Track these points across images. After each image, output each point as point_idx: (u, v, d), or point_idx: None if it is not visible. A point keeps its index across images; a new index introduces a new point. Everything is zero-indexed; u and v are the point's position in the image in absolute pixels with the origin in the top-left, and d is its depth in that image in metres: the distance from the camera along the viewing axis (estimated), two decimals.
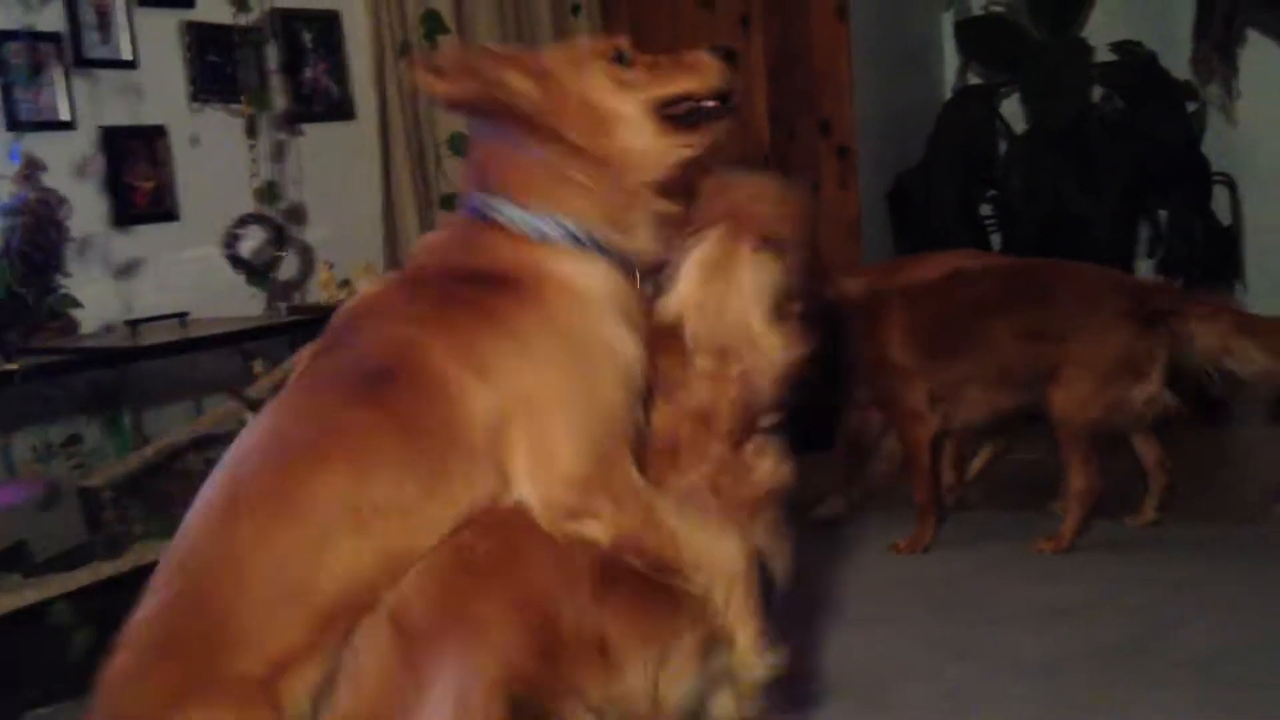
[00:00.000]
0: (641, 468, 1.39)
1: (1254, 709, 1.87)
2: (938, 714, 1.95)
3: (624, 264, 1.42)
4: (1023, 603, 2.39)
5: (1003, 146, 4.61)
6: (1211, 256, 4.28)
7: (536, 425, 1.33)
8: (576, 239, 1.38)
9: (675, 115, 1.44)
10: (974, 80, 4.86)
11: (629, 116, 1.42)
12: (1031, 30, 4.50)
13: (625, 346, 1.38)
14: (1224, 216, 4.36)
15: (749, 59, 4.20)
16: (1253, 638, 2.12)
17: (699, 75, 1.46)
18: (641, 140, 1.42)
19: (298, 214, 3.34)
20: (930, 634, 2.28)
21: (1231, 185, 4.35)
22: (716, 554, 1.40)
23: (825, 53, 4.39)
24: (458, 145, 3.12)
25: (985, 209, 4.63)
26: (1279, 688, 1.93)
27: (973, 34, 4.72)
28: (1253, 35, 4.29)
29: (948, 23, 4.91)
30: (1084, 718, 1.89)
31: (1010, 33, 4.56)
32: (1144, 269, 4.50)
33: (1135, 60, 4.37)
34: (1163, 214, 4.39)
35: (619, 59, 1.44)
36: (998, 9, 4.68)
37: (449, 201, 3.18)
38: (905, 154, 4.64)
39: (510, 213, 1.39)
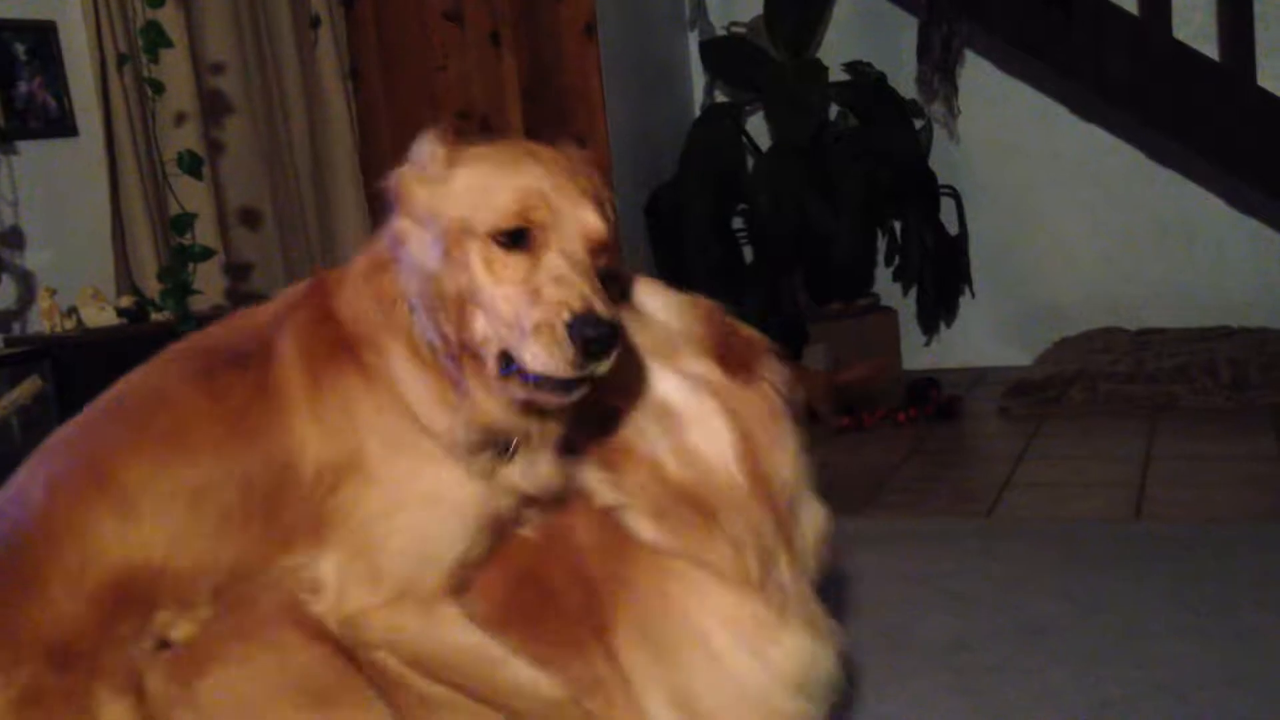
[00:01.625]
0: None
1: (988, 691, 1.97)
2: None
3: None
4: None
5: (750, 162, 4.77)
6: (942, 264, 4.55)
7: (369, 506, 1.28)
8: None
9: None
10: (721, 98, 5.01)
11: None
12: (771, 50, 4.68)
13: (471, 489, 1.31)
14: (952, 227, 4.64)
15: (499, 76, 4.19)
16: (987, 626, 2.24)
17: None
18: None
19: (14, 237, 3.11)
20: None
21: (957, 198, 4.64)
22: (538, 688, 1.36)
23: (576, 70, 4.43)
24: (186, 163, 2.97)
25: (737, 222, 4.78)
26: (1009, 670, 2.05)
27: (717, 54, 4.87)
28: (971, 56, 4.59)
29: (694, 42, 5.05)
30: (835, 717, 1.95)
31: (751, 53, 4.73)
32: (882, 278, 4.75)
33: (866, 80, 4.61)
34: (898, 226, 4.64)
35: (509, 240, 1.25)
36: (739, 30, 4.85)
37: (180, 222, 3.02)
38: (659, 170, 4.73)
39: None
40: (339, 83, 4.04)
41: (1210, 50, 3.96)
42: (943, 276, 4.56)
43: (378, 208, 4.15)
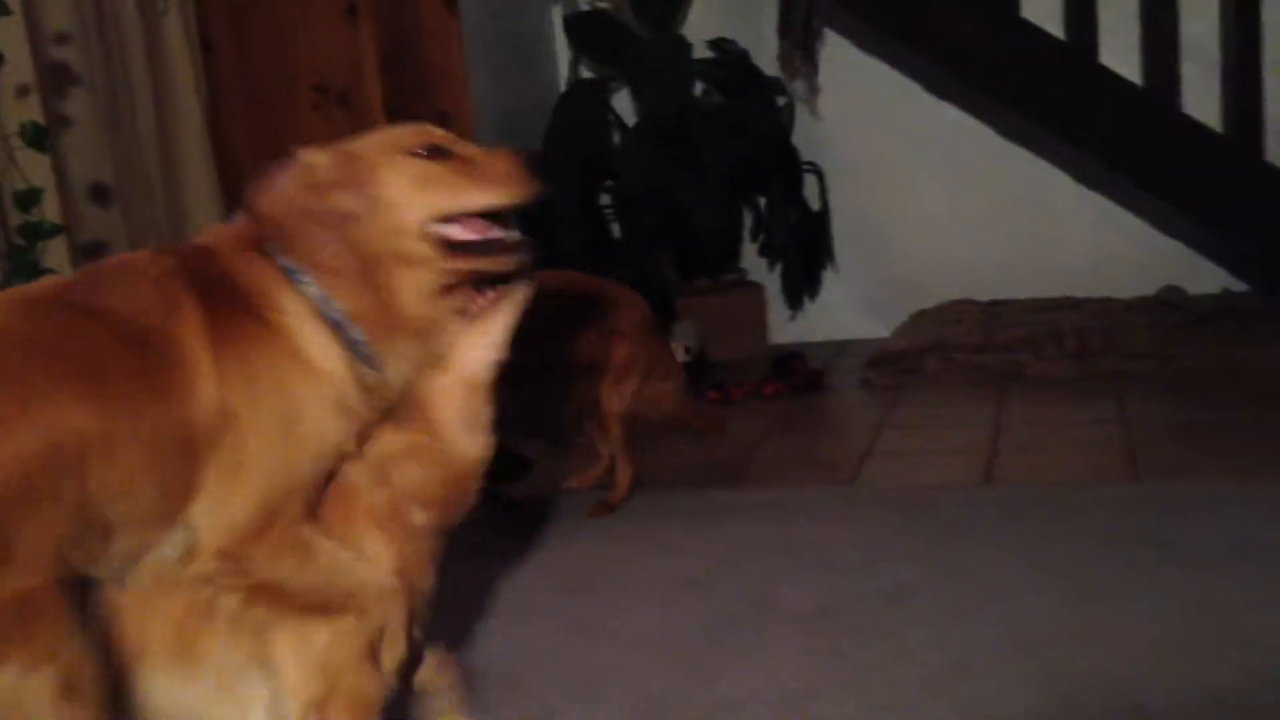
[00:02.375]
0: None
1: (851, 654, 2.04)
2: (568, 695, 1.99)
3: (368, 372, 1.42)
4: (653, 579, 2.48)
5: (617, 139, 4.77)
6: (806, 240, 4.64)
7: (234, 459, 1.32)
8: (338, 324, 1.40)
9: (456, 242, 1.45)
10: (586, 74, 5.00)
11: (411, 229, 1.42)
12: (635, 26, 4.68)
13: (333, 433, 1.41)
14: (815, 203, 4.73)
15: (357, 48, 4.10)
16: (849, 591, 2.31)
17: (496, 187, 1.46)
18: (415, 263, 1.42)
19: None
20: (564, 618, 2.32)
21: (819, 174, 4.73)
22: (368, 587, 1.46)
23: (437, 44, 4.36)
24: (31, 136, 2.84)
25: (605, 199, 4.78)
26: (871, 632, 2.11)
27: (580, 29, 4.86)
28: (830, 34, 4.68)
29: (558, 16, 5.02)
30: (706, 684, 1.98)
31: (615, 29, 4.73)
32: (749, 253, 4.82)
33: (730, 57, 4.66)
34: (763, 202, 4.70)
35: (433, 153, 1.44)
36: (603, 4, 4.84)
37: (25, 199, 2.88)
38: (525, 147, 4.68)
39: (291, 268, 1.39)
40: (188, 54, 3.90)
41: (1056, 29, 4.12)
42: (806, 251, 4.65)
43: (231, 185, 4.02)
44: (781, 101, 4.71)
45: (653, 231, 4.53)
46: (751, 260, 4.88)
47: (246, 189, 1.47)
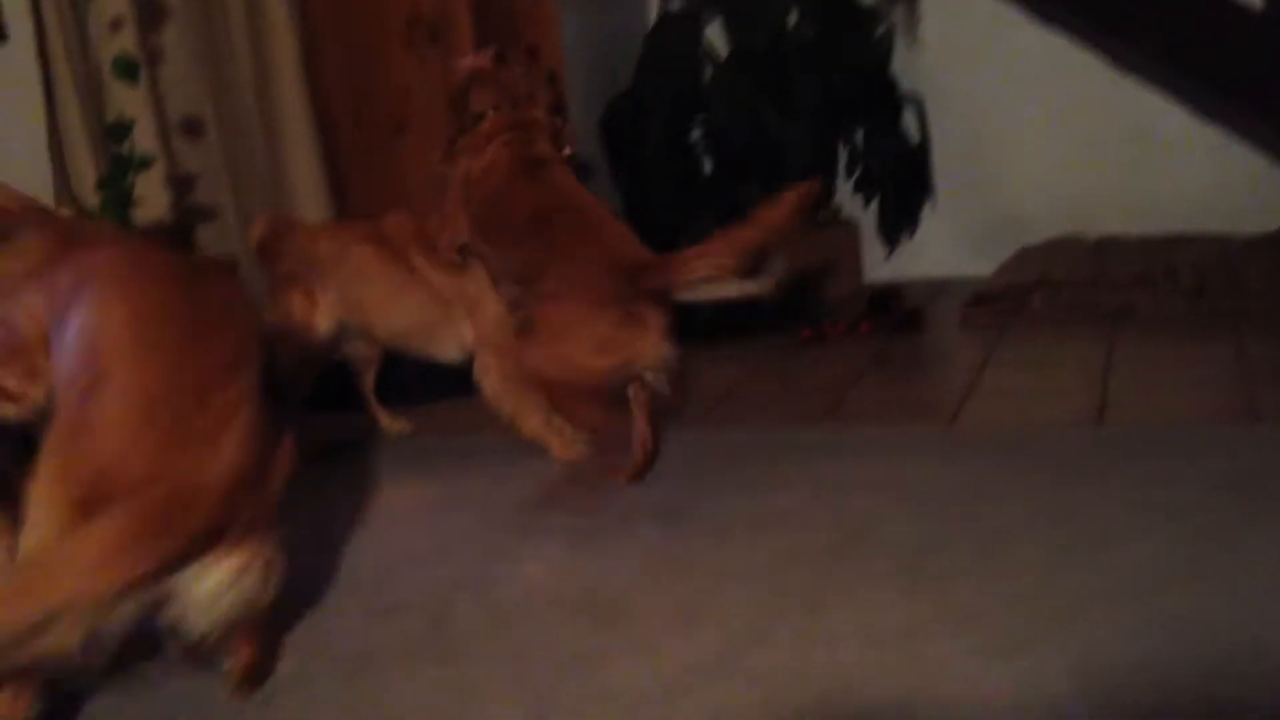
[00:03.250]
0: None
1: (953, 594, 1.96)
2: (663, 626, 1.95)
3: None
4: (744, 513, 2.44)
5: (708, 73, 4.66)
6: (904, 174, 4.50)
7: None
8: None
9: None
10: (677, 6, 4.89)
11: None
12: None
13: None
14: (914, 136, 4.58)
15: None
16: (949, 532, 2.23)
17: None
18: None
19: None
20: (653, 551, 2.29)
21: (919, 106, 4.57)
22: None
23: None
24: (122, 67, 2.85)
25: (696, 135, 4.69)
26: (972, 575, 2.03)
27: None
28: None
29: None
30: (803, 617, 1.93)
31: None
32: (844, 189, 4.69)
33: None
34: (859, 136, 4.57)
35: None
36: None
37: (117, 131, 2.90)
38: (615, 81, 4.62)
39: None
40: None
41: None
42: (904, 187, 4.52)
43: (325, 120, 3.99)
44: (879, 31, 4.55)
45: (744, 167, 4.43)
46: (846, 197, 4.75)
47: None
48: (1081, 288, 3.94)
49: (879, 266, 4.82)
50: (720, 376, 3.65)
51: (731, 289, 2.65)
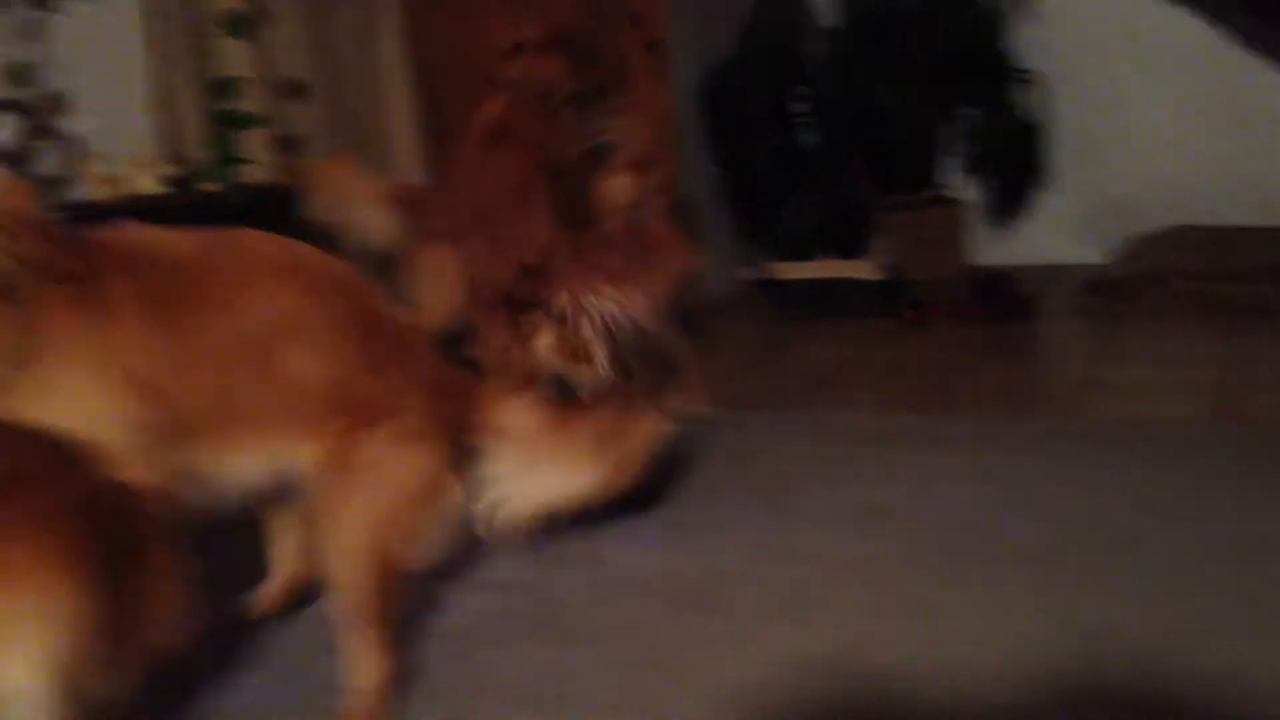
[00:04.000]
0: None
1: (1082, 603, 1.86)
2: (773, 619, 1.88)
3: None
4: (847, 503, 2.35)
5: (815, 41, 4.53)
6: (1017, 154, 4.34)
7: None
8: None
9: None
10: None
11: None
12: None
13: None
14: (1028, 114, 4.40)
15: None
16: (1075, 533, 2.13)
17: None
18: None
19: (59, 101, 2.99)
20: (758, 538, 2.21)
21: (1035, 82, 4.39)
22: None
23: None
24: (231, 23, 2.82)
25: (798, 105, 4.56)
26: (1100, 581, 1.93)
27: None
28: None
29: None
30: (919, 617, 1.85)
31: None
32: (949, 167, 4.54)
33: None
34: (969, 111, 4.41)
35: None
36: None
37: (225, 86, 2.88)
38: (718, 49, 4.50)
39: None
40: None
41: None
42: (1017, 166, 4.35)
43: (425, 82, 3.94)
44: (994, 1, 4.38)
45: (849, 141, 4.31)
46: (953, 176, 4.59)
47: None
48: (1203, 279, 3.76)
49: (985, 249, 4.66)
50: (821, 357, 3.55)
51: None
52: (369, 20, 3.84)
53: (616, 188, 2.33)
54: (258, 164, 3.21)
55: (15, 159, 2.72)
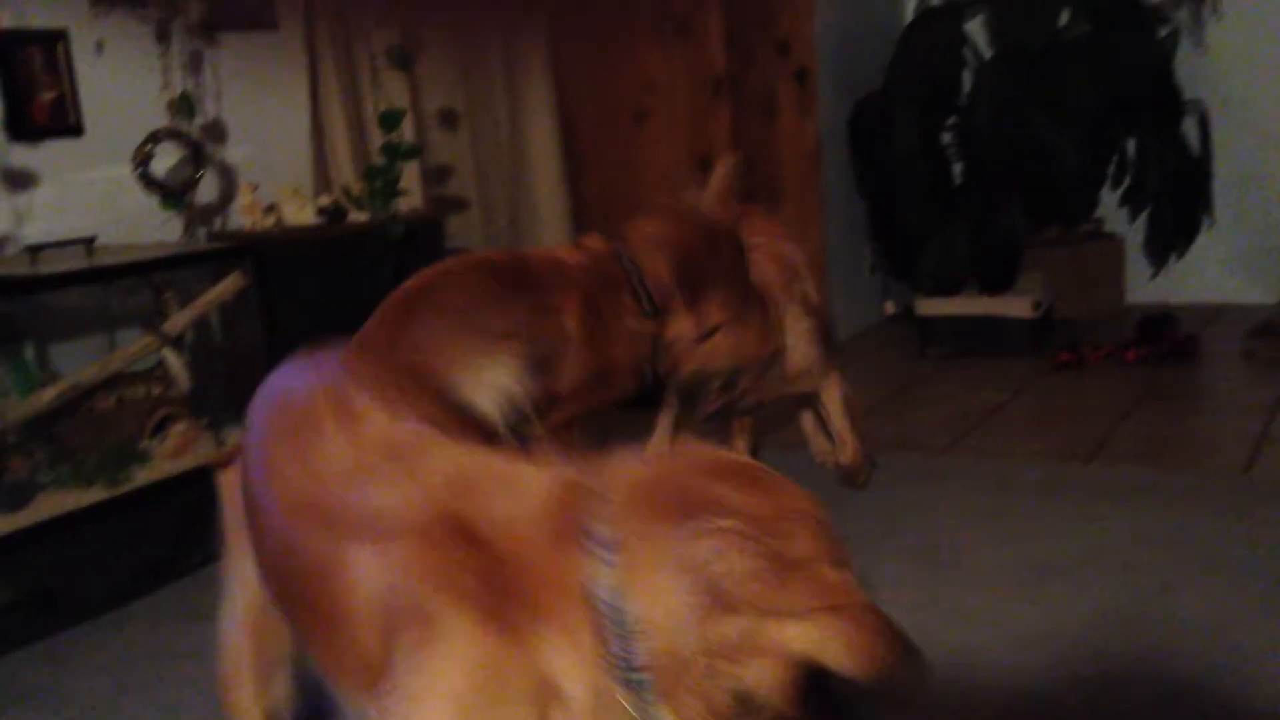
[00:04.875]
0: None
1: (1260, 678, 1.72)
2: (937, 681, 1.78)
3: None
4: (1010, 562, 2.23)
5: (966, 72, 4.40)
6: (1181, 188, 4.14)
7: None
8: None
9: None
10: (937, 1, 4.64)
11: None
12: None
13: None
14: (1194, 147, 4.21)
15: None
16: (1257, 601, 1.98)
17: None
18: None
19: (216, 131, 3.05)
20: (917, 597, 2.11)
21: (1202, 114, 4.20)
22: None
23: None
24: (398, 56, 2.84)
25: (946, 137, 4.44)
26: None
27: None
28: None
29: None
30: (1089, 687, 1.74)
31: None
32: (1109, 200, 4.36)
33: None
34: (1130, 144, 4.23)
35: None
36: None
37: (389, 118, 2.91)
38: (866, 79, 4.42)
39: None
40: None
41: None
42: (1181, 201, 4.15)
43: (569, 113, 3.94)
44: (1162, 31, 4.20)
45: (1003, 174, 4.16)
46: (1108, 210, 4.41)
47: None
48: None
49: (1143, 286, 4.46)
50: (973, 399, 3.42)
51: None
52: (517, 53, 3.85)
53: None
54: (409, 194, 3.23)
55: (177, 187, 2.79)
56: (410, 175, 3.22)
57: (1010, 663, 1.84)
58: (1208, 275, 4.40)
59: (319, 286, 2.86)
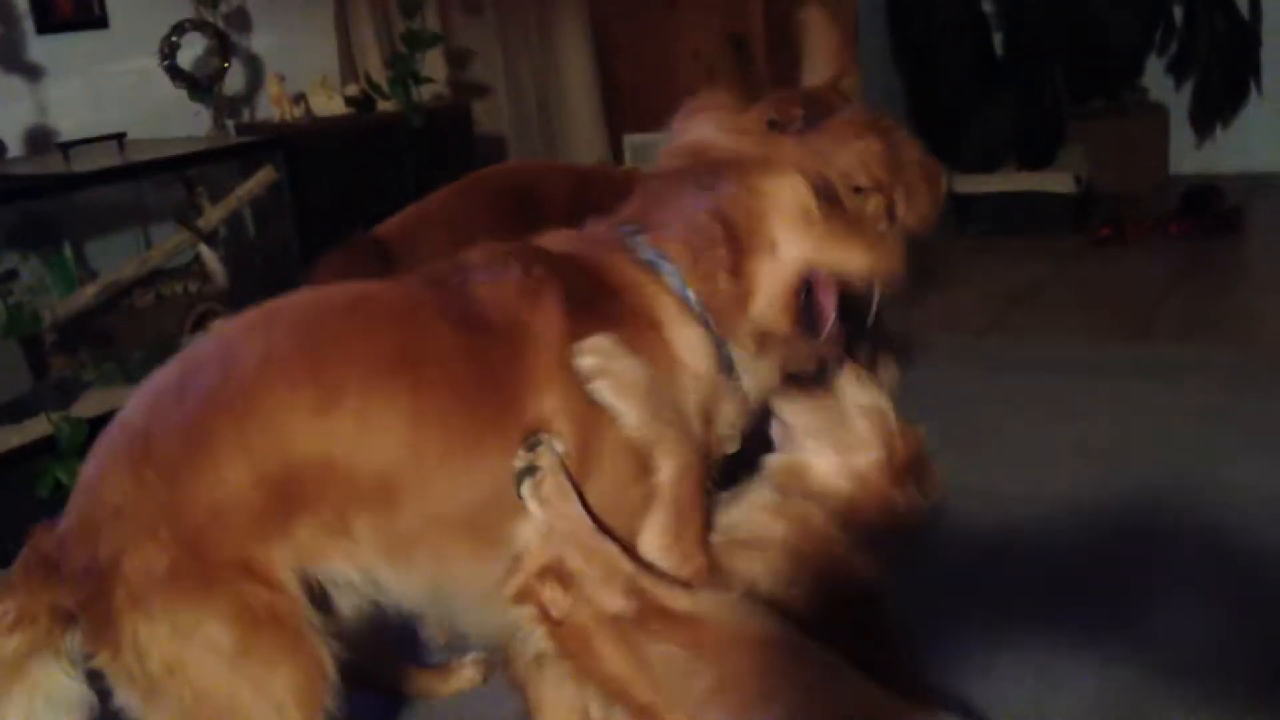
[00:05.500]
0: None
1: None
2: (972, 563, 1.80)
3: (727, 365, 1.27)
4: (1048, 441, 2.23)
5: None
6: (1229, 54, 4.01)
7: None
8: (705, 323, 1.26)
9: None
10: None
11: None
12: None
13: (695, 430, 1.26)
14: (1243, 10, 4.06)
15: None
16: None
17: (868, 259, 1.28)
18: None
19: (241, 20, 3.00)
20: (951, 480, 2.11)
21: None
22: None
23: None
24: None
25: (989, 7, 4.30)
26: None
27: None
28: None
29: None
30: (1124, 565, 1.75)
31: None
32: (1154, 69, 4.23)
33: None
34: (1177, 10, 4.09)
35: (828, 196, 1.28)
36: None
37: (409, 6, 2.85)
38: None
39: (661, 263, 1.26)
40: None
41: None
42: (1229, 68, 4.02)
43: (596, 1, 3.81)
44: None
45: (1046, 42, 4.04)
46: (1154, 78, 4.29)
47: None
48: None
49: (1186, 157, 4.36)
50: (1013, 277, 3.38)
51: None
52: None
53: None
54: (434, 82, 3.18)
55: (204, 79, 2.76)
56: (434, 61, 3.16)
57: (1043, 543, 1.85)
58: (1253, 144, 4.28)
59: (348, 176, 2.84)
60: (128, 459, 1.14)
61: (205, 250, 2.61)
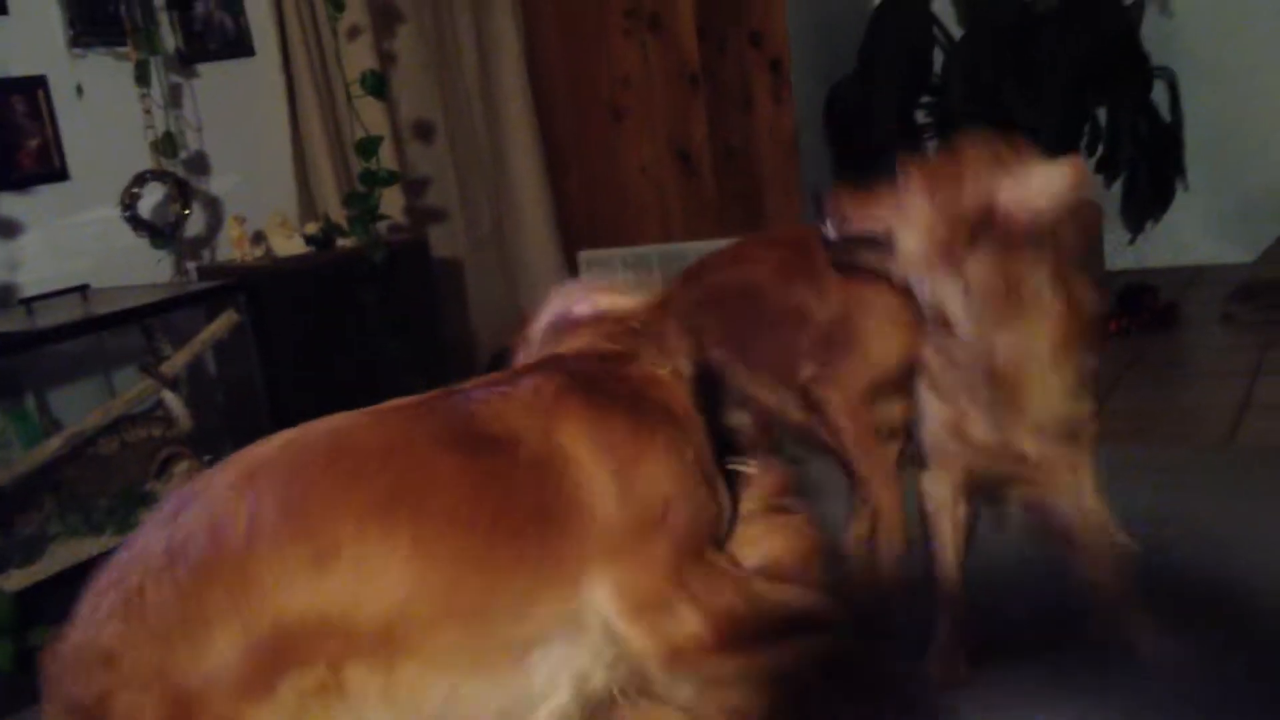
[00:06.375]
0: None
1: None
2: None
3: None
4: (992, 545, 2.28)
5: (937, 51, 4.44)
6: (1154, 153, 4.19)
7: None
8: None
9: None
10: None
11: None
12: None
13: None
14: (1164, 112, 4.25)
15: None
16: (1260, 574, 2.03)
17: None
18: None
19: (200, 164, 3.08)
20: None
21: (1171, 79, 4.24)
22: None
23: None
24: (370, 82, 2.88)
25: (921, 116, 4.48)
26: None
27: None
28: None
29: None
30: (1092, 674, 1.79)
31: None
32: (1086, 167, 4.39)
33: None
34: (1103, 112, 4.27)
35: None
36: None
37: (366, 146, 2.94)
38: (838, 64, 4.45)
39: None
40: None
41: None
42: (1155, 166, 4.19)
43: (544, 116, 3.95)
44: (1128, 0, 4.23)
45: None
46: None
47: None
48: None
49: (1121, 253, 4.51)
50: None
51: None
52: (491, 59, 3.87)
53: None
54: (388, 209, 3.26)
55: (165, 226, 2.82)
56: (389, 192, 3.25)
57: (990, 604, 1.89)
58: (1185, 238, 4.45)
59: (310, 314, 2.90)
60: (123, 614, 1.15)
61: (169, 395, 2.65)
